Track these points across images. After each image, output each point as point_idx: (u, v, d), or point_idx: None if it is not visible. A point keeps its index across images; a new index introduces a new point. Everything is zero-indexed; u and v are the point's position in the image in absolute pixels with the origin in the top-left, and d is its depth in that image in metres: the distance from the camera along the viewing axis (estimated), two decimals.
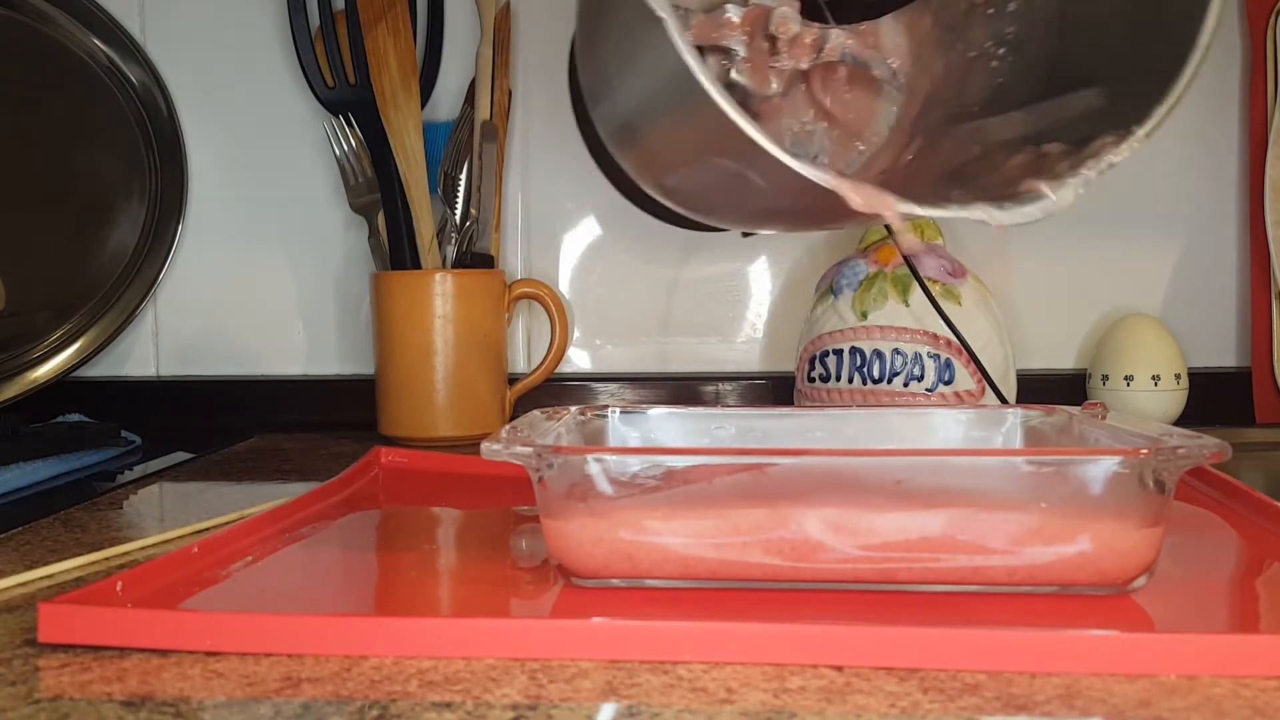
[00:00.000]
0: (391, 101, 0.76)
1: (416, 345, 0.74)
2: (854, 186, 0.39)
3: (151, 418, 0.83)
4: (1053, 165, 0.42)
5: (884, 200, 0.40)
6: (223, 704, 0.29)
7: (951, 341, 0.66)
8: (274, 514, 0.46)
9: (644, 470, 0.36)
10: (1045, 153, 0.43)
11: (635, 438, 0.49)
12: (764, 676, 0.30)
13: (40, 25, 0.82)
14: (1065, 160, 0.42)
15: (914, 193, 0.42)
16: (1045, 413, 0.48)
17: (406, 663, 0.31)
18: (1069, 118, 0.45)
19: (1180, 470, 0.35)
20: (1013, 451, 0.46)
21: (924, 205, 0.41)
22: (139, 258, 0.84)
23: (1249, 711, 0.28)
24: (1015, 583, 0.36)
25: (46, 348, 0.81)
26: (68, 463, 0.66)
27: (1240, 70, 0.81)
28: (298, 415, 0.85)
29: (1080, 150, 0.42)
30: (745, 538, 0.36)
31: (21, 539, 0.48)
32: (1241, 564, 0.42)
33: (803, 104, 0.54)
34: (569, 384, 0.85)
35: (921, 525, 0.35)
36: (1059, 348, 0.83)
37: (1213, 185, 0.82)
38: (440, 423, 0.74)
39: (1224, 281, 0.82)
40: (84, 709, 0.29)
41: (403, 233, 0.77)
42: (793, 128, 0.54)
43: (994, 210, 0.40)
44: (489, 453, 0.37)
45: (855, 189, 0.39)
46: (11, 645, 0.34)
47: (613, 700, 0.29)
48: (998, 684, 0.29)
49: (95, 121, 0.83)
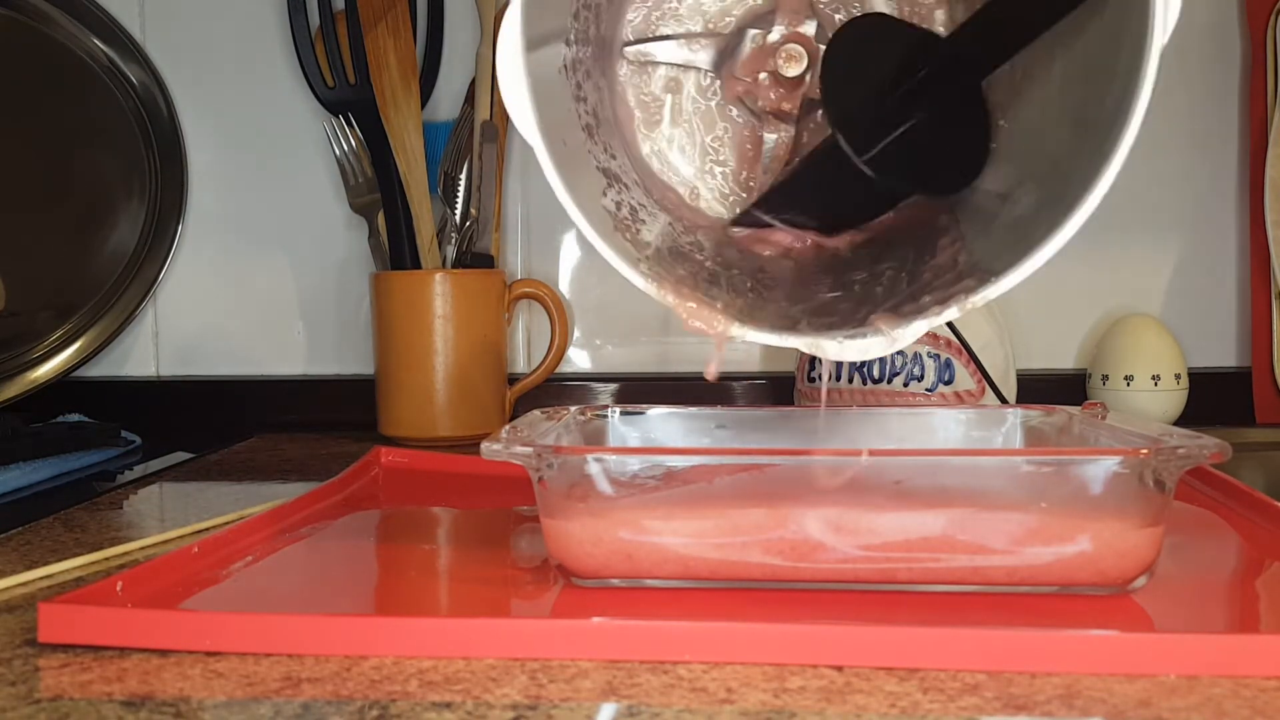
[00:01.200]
0: (391, 101, 0.76)
1: (416, 345, 0.74)
2: (684, 306, 0.41)
3: (151, 418, 0.83)
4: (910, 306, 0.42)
5: (711, 322, 0.41)
6: (223, 704, 0.29)
7: (951, 341, 0.66)
8: (274, 514, 0.46)
9: (644, 470, 0.36)
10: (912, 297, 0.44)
11: (635, 438, 0.49)
12: (764, 676, 0.30)
13: (40, 25, 0.82)
14: (918, 301, 0.42)
15: (763, 312, 0.44)
16: (1045, 413, 0.48)
17: (406, 663, 0.31)
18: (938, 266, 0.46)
19: (1180, 470, 0.35)
20: (1013, 451, 0.46)
21: (762, 333, 0.42)
22: (139, 258, 0.84)
23: (1249, 711, 0.28)
24: (1015, 583, 0.36)
25: (46, 348, 0.81)
26: (68, 463, 0.66)
27: (1240, 70, 0.81)
28: (298, 415, 0.85)
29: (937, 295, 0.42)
30: (745, 538, 0.36)
31: (21, 539, 0.48)
32: (1241, 564, 0.42)
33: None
34: (569, 384, 0.85)
35: (921, 525, 0.35)
36: (1059, 348, 0.83)
37: (1213, 185, 0.82)
38: (440, 423, 0.74)
39: (1224, 281, 0.82)
40: (84, 709, 0.29)
41: (403, 233, 0.77)
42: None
43: (828, 344, 0.41)
44: (489, 453, 0.37)
45: (685, 309, 0.41)
46: (11, 645, 0.34)
47: (613, 700, 0.29)
48: (998, 684, 0.29)
49: (95, 121, 0.83)
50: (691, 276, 0.45)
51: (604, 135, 0.49)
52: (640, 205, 0.49)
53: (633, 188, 0.49)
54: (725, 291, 0.46)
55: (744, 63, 0.52)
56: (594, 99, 0.49)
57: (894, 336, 0.40)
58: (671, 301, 0.42)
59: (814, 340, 0.41)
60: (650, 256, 0.45)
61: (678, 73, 0.53)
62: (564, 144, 0.43)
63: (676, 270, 0.45)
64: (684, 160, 0.54)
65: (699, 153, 0.54)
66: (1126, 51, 0.38)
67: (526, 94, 0.41)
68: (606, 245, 0.42)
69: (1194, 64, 0.81)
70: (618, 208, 0.46)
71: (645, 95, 0.53)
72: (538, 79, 0.41)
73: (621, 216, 0.46)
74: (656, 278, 0.42)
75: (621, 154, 0.51)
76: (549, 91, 0.43)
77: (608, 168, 0.48)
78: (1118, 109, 0.38)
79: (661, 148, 0.54)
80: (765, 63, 0.51)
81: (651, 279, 0.42)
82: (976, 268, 0.42)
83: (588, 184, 0.45)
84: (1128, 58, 0.38)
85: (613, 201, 0.46)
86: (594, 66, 0.49)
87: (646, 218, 0.48)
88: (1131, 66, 0.38)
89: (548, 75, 0.43)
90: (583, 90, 0.48)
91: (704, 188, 0.54)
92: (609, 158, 0.49)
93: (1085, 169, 0.38)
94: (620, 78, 0.53)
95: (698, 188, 0.54)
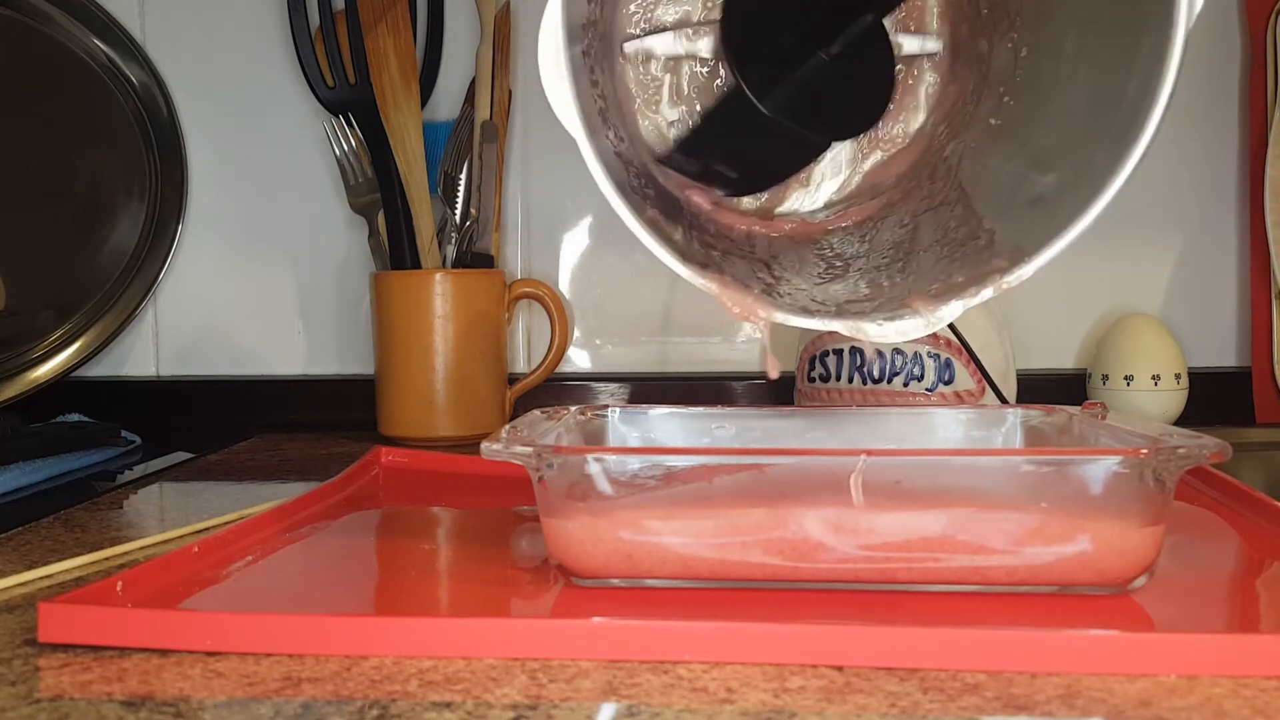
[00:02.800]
0: (391, 101, 0.76)
1: (416, 345, 0.74)
2: (728, 294, 0.41)
3: (151, 418, 0.83)
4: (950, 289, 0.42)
5: (753, 309, 0.41)
6: (223, 704, 0.29)
7: (951, 341, 0.66)
8: (274, 514, 0.46)
9: (644, 470, 0.36)
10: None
11: (635, 438, 0.49)
12: (764, 676, 0.30)
13: (40, 25, 0.82)
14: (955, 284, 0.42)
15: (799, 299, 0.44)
16: (1045, 413, 0.48)
17: (406, 663, 0.31)
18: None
19: (1180, 470, 0.35)
20: (1013, 451, 0.46)
21: (797, 316, 0.42)
22: (139, 258, 0.84)
23: (1249, 711, 0.28)
24: (1015, 583, 0.36)
25: (46, 348, 0.81)
26: (68, 463, 0.66)
27: (1240, 70, 0.81)
28: (298, 415, 0.85)
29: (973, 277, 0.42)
30: (745, 538, 0.36)
31: (21, 539, 0.48)
32: (1241, 564, 0.42)
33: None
34: (569, 384, 0.85)
35: (922, 525, 0.35)
36: (1059, 348, 0.83)
37: (1213, 185, 0.82)
38: (440, 423, 0.74)
39: (1224, 281, 0.82)
40: (84, 709, 0.28)
41: (403, 233, 0.77)
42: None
43: (869, 326, 0.41)
44: (489, 453, 0.37)
45: (728, 296, 0.41)
46: (11, 645, 0.33)
47: (613, 700, 0.29)
48: (998, 684, 0.29)
49: (95, 121, 0.83)
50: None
51: (613, 118, 0.49)
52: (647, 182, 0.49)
53: (641, 171, 0.49)
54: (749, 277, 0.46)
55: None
56: (603, 81, 0.49)
57: (934, 317, 0.40)
58: (715, 289, 0.41)
59: (854, 324, 0.41)
60: (679, 239, 0.45)
61: (677, 55, 0.53)
62: (593, 133, 0.43)
63: (707, 252, 0.45)
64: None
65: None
66: (1150, 34, 0.38)
67: (569, 87, 0.40)
68: (652, 238, 0.41)
69: (1194, 64, 0.81)
70: (644, 193, 0.46)
71: (645, 76, 0.53)
72: (576, 70, 0.41)
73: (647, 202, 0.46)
74: (699, 267, 0.42)
75: (625, 136, 0.51)
76: (581, 82, 0.43)
77: (620, 151, 0.48)
78: (1143, 92, 0.38)
79: (661, 126, 0.53)
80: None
81: (694, 268, 0.42)
82: (1005, 247, 0.42)
83: (617, 177, 0.45)
84: (1152, 40, 0.38)
85: (636, 187, 0.46)
86: (600, 49, 0.49)
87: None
88: (1157, 51, 0.38)
89: (579, 66, 0.43)
90: (595, 74, 0.48)
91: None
92: (618, 140, 0.49)
93: (1110, 150, 0.39)
94: (620, 60, 0.53)
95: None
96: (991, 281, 0.40)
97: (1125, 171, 0.38)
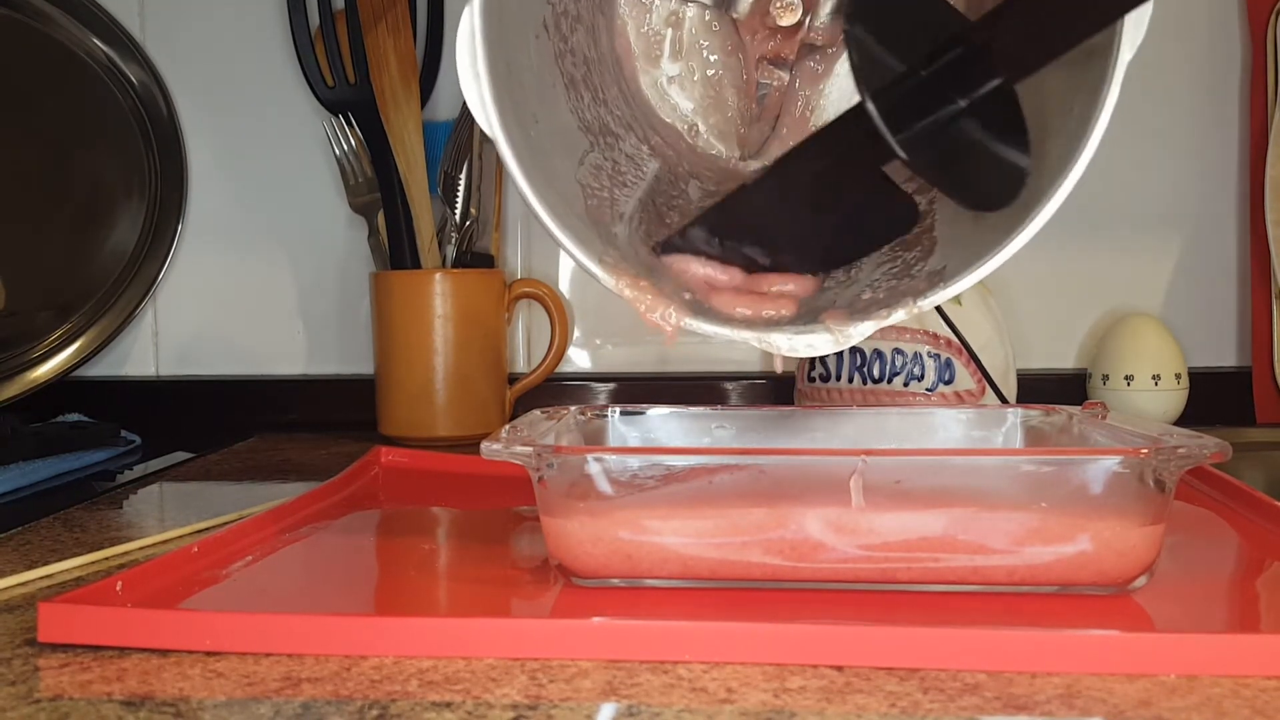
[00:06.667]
0: (391, 101, 0.76)
1: (416, 345, 0.74)
2: (640, 299, 0.41)
3: (151, 418, 0.83)
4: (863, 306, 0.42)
5: (665, 315, 0.41)
6: (223, 704, 0.29)
7: (951, 341, 0.66)
8: (274, 514, 0.46)
9: (644, 470, 0.36)
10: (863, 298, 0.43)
11: (635, 438, 0.49)
12: (764, 676, 0.30)
13: (40, 25, 0.82)
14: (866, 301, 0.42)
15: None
16: (1045, 413, 0.48)
17: (406, 663, 0.31)
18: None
19: (1180, 470, 0.35)
20: (1013, 451, 0.46)
21: (709, 324, 0.41)
22: (139, 258, 0.84)
23: (1249, 711, 0.28)
24: (1015, 583, 0.36)
25: (46, 348, 0.81)
26: (68, 462, 0.66)
27: (1240, 70, 0.81)
28: (298, 415, 0.85)
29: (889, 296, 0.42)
30: (745, 538, 0.36)
31: (21, 539, 0.48)
32: (1241, 564, 0.42)
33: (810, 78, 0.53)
34: (569, 384, 0.85)
35: (922, 525, 0.35)
36: (1059, 348, 0.83)
37: (1213, 185, 0.82)
38: (440, 423, 0.74)
39: (1224, 281, 0.82)
40: (84, 709, 0.28)
41: (403, 233, 0.77)
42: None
43: (778, 339, 0.41)
44: (489, 453, 0.37)
45: (640, 301, 0.41)
46: (11, 645, 0.33)
47: (613, 700, 0.29)
48: (998, 684, 0.29)
49: (95, 121, 0.83)
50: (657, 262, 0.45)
51: (596, 78, 0.49)
52: (630, 156, 0.48)
53: (625, 135, 0.49)
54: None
55: (744, 9, 0.51)
56: (585, 43, 0.48)
57: (843, 335, 0.40)
58: (628, 294, 0.41)
59: (763, 335, 0.41)
60: (620, 233, 0.44)
61: (679, 6, 0.53)
62: (536, 121, 0.43)
63: (651, 240, 0.45)
64: (683, 96, 0.53)
65: (700, 87, 0.53)
66: (1096, 63, 0.38)
67: (488, 89, 0.41)
68: (564, 234, 0.41)
69: (1194, 64, 0.81)
70: (596, 174, 0.46)
71: (645, 29, 0.52)
72: (508, 65, 0.41)
73: (598, 187, 0.45)
74: (614, 270, 0.42)
75: (617, 96, 0.50)
76: (518, 74, 0.43)
77: (597, 117, 0.47)
78: (1081, 121, 0.37)
79: (661, 82, 0.53)
80: (763, 11, 0.51)
81: (610, 270, 0.41)
82: (926, 270, 0.41)
83: (558, 165, 0.44)
84: (1096, 70, 0.38)
85: (591, 168, 0.46)
86: (587, 8, 0.49)
87: (632, 174, 0.48)
88: (1097, 81, 0.37)
89: (517, 57, 0.43)
90: (569, 42, 0.47)
91: (703, 124, 0.53)
92: (599, 104, 0.48)
93: (1043, 179, 0.38)
94: (620, 13, 0.53)
95: (697, 124, 0.53)
96: (904, 304, 0.40)
97: (1053, 204, 0.37)
